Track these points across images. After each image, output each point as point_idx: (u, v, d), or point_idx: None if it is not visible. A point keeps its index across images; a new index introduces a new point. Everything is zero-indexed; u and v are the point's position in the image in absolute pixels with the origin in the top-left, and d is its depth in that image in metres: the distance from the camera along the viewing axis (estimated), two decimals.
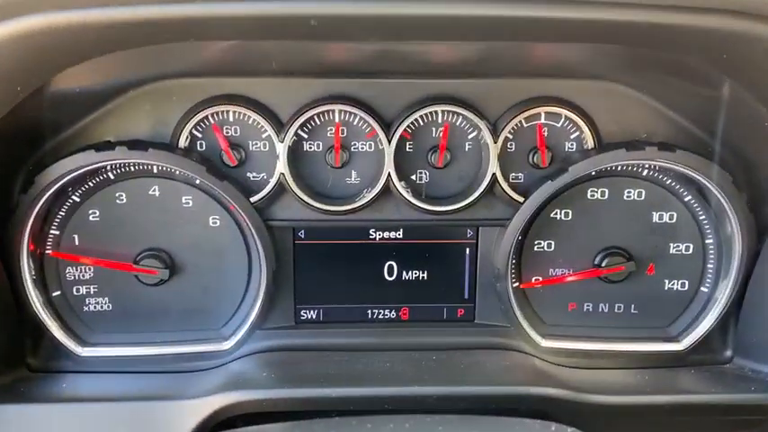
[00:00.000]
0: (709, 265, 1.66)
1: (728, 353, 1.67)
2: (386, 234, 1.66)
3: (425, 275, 1.69)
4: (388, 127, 1.56)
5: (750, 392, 1.46)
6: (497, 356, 1.64)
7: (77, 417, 1.40)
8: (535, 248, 1.67)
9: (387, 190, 1.58)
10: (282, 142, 1.53)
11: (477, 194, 1.58)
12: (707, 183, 1.55)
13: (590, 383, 1.54)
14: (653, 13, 0.97)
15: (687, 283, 1.68)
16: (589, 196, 1.63)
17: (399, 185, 1.57)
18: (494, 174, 1.57)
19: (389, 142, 1.54)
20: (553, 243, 1.67)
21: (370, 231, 1.65)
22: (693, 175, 1.55)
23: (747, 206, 1.54)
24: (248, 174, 1.58)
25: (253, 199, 1.56)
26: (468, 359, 1.60)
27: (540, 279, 1.68)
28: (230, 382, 1.46)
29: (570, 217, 1.65)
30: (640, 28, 0.99)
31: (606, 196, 1.64)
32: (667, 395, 1.49)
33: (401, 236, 1.66)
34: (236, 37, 1.11)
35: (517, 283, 1.68)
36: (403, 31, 1.02)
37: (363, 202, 1.57)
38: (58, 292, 1.60)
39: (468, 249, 1.68)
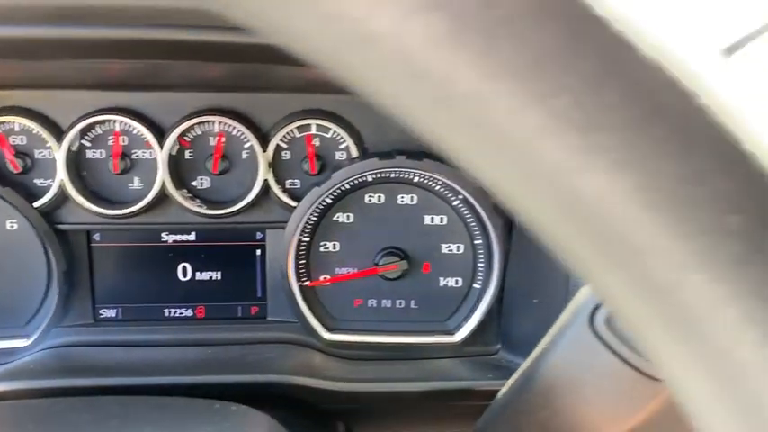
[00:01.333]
0: (480, 264, 1.80)
1: (498, 345, 1.81)
2: (178, 237, 1.77)
3: (219, 276, 1.81)
4: (162, 136, 1.68)
5: (481, 380, 1.60)
6: (280, 350, 1.76)
7: None
8: (321, 249, 1.80)
9: (165, 195, 1.69)
10: (60, 150, 1.64)
11: (249, 199, 1.70)
12: (457, 187, 1.69)
13: (355, 373, 1.67)
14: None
15: (461, 280, 1.82)
16: (367, 201, 1.77)
17: (174, 191, 1.68)
18: (266, 180, 1.70)
19: (161, 149, 1.66)
20: (338, 244, 1.80)
21: (162, 234, 1.77)
22: (445, 180, 1.69)
23: (493, 208, 1.69)
24: (35, 180, 1.68)
25: (36, 204, 1.67)
26: (245, 352, 1.72)
27: (328, 277, 1.81)
28: (7, 373, 1.56)
29: (352, 220, 1.78)
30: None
31: (382, 201, 1.77)
32: (414, 382, 1.62)
33: (194, 238, 1.78)
34: None
35: (307, 281, 1.81)
36: None
37: (141, 206, 1.68)
38: None
39: (258, 251, 1.80)
